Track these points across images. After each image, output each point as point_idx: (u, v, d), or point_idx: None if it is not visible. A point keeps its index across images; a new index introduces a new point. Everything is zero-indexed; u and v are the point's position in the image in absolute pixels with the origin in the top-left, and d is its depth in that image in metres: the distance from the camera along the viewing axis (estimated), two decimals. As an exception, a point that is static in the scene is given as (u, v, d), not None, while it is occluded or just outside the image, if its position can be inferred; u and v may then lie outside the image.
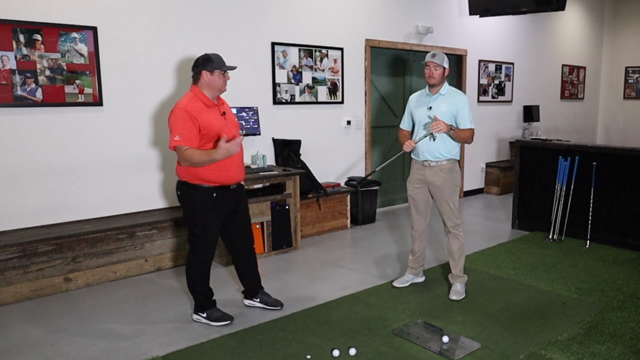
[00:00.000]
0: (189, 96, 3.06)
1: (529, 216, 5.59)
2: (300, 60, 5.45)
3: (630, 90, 10.16)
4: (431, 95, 3.61)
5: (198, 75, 3.06)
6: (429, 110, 3.57)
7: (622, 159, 4.85)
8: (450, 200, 3.60)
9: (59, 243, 3.79)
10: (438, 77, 3.52)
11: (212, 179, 3.06)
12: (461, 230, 3.70)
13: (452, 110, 3.53)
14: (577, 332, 3.13)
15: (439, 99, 3.57)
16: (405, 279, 3.92)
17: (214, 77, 3.04)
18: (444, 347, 2.94)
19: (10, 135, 3.84)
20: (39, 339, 3.11)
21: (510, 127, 8.33)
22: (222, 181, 3.10)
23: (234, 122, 3.24)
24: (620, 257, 4.59)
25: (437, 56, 3.52)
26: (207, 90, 3.07)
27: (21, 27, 3.79)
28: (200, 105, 3.03)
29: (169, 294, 3.80)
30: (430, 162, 3.59)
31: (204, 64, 3.03)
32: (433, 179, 3.60)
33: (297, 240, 4.91)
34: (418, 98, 3.72)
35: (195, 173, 3.04)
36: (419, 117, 3.65)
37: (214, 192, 3.09)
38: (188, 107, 2.97)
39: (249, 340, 3.04)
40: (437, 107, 3.55)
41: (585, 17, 9.68)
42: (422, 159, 3.62)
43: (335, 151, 5.94)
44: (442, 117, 3.49)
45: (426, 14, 6.69)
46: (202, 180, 3.05)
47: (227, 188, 3.14)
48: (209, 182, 3.07)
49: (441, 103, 3.55)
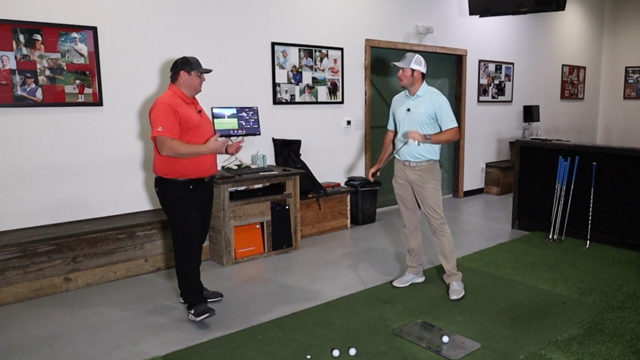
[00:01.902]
0: (168, 93, 3.25)
1: (529, 216, 5.59)
2: (300, 60, 5.45)
3: (630, 90, 10.16)
4: (410, 97, 3.65)
5: (176, 75, 3.27)
6: (407, 112, 3.64)
7: (622, 159, 4.85)
8: (432, 200, 3.64)
9: (59, 243, 3.79)
10: (406, 79, 3.58)
11: (189, 172, 3.22)
12: (447, 228, 3.72)
13: (429, 112, 3.56)
14: (577, 332, 3.13)
15: (417, 100, 3.62)
16: (405, 278, 3.92)
17: (191, 77, 3.27)
18: (444, 347, 2.94)
19: (10, 135, 3.84)
20: (39, 339, 3.11)
21: (510, 127, 8.33)
22: (198, 174, 3.26)
23: (208, 120, 3.46)
24: (620, 257, 4.59)
25: (404, 59, 3.58)
26: (185, 89, 3.28)
27: (21, 27, 3.79)
28: (179, 100, 3.23)
29: (169, 294, 3.80)
30: (410, 162, 3.64)
31: (183, 65, 3.25)
32: (414, 178, 3.66)
33: (297, 240, 4.91)
34: (399, 99, 3.79)
35: (174, 168, 3.18)
36: (399, 119, 3.72)
37: (191, 184, 3.24)
38: (169, 101, 3.16)
39: (249, 340, 3.04)
40: (415, 108, 3.60)
41: (585, 17, 9.68)
42: (403, 159, 3.68)
43: (335, 151, 5.94)
44: (419, 118, 3.56)
45: (426, 14, 6.69)
46: (179, 174, 3.20)
47: (202, 181, 3.31)
48: (186, 176, 3.22)
49: (419, 104, 3.59)
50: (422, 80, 3.65)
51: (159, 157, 3.20)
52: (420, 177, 3.63)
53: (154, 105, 3.16)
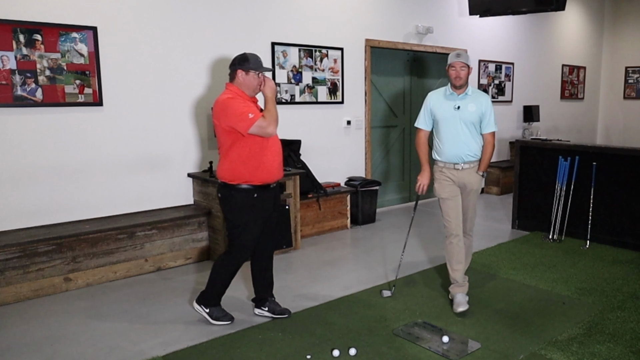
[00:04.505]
0: (226, 92, 3.09)
1: (529, 216, 5.59)
2: (300, 60, 5.45)
3: (630, 90, 10.16)
4: (457, 95, 3.50)
5: (234, 74, 3.10)
6: (457, 110, 3.47)
7: (622, 159, 4.85)
8: (476, 201, 3.65)
9: (59, 243, 3.79)
10: (465, 77, 3.46)
11: (254, 177, 3.07)
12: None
13: (479, 111, 3.48)
14: (577, 332, 3.13)
15: (466, 99, 3.49)
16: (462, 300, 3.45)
17: (249, 77, 3.08)
18: (444, 347, 2.94)
19: (10, 135, 3.84)
20: (39, 339, 3.11)
21: (510, 127, 8.33)
22: (263, 180, 3.10)
23: None
24: (620, 257, 4.59)
25: (462, 56, 3.46)
26: (244, 88, 3.11)
27: (21, 27, 3.79)
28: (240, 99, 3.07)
29: (169, 294, 3.80)
30: (463, 164, 3.50)
31: (241, 63, 3.08)
32: (467, 180, 3.51)
33: (297, 240, 4.91)
34: (441, 97, 3.57)
35: (239, 172, 3.05)
36: (443, 116, 3.51)
37: (255, 192, 3.09)
38: (234, 95, 3.04)
39: (249, 340, 3.04)
40: (465, 106, 3.47)
41: (585, 17, 9.68)
42: (454, 162, 3.50)
43: (335, 151, 5.94)
44: (470, 117, 3.46)
45: (426, 14, 6.69)
46: (243, 179, 3.06)
47: (267, 187, 3.15)
48: (251, 182, 3.07)
49: (469, 103, 3.48)
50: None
51: (224, 161, 3.09)
52: (475, 178, 3.53)
53: (220, 104, 3.01)
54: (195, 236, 4.48)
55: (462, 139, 3.47)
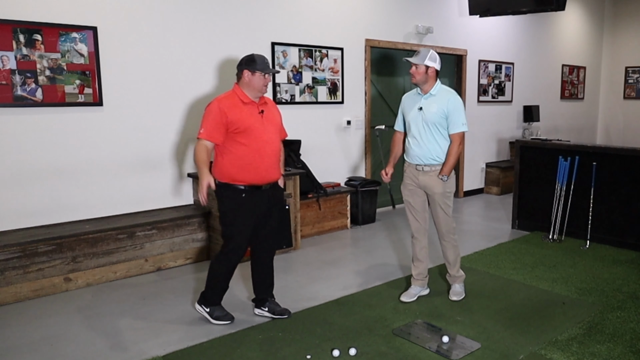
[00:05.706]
0: (228, 92, 3.18)
1: (529, 216, 5.59)
2: (300, 60, 5.45)
3: (630, 90, 10.15)
4: (422, 95, 3.47)
5: (241, 74, 3.14)
6: (419, 111, 3.44)
7: (622, 159, 4.85)
8: (444, 206, 3.49)
9: (59, 243, 3.79)
10: (419, 76, 3.40)
11: (241, 178, 3.09)
12: (455, 235, 3.61)
13: (442, 111, 3.39)
14: (577, 332, 3.13)
15: (429, 99, 3.43)
16: (412, 292, 3.67)
17: (254, 77, 3.11)
18: (444, 347, 2.94)
19: (10, 135, 3.84)
20: (39, 339, 3.11)
21: (510, 127, 8.33)
22: (250, 181, 3.10)
23: (271, 121, 3.22)
24: (620, 257, 4.59)
25: (418, 55, 3.43)
26: (247, 89, 3.13)
27: (21, 27, 3.79)
28: (235, 101, 3.11)
29: (169, 294, 3.80)
30: (423, 166, 3.47)
31: (247, 64, 3.12)
32: (427, 183, 3.47)
33: (297, 240, 4.91)
34: (410, 98, 3.59)
35: (226, 171, 3.10)
36: (410, 118, 3.52)
37: (243, 192, 3.11)
38: (222, 102, 3.08)
39: (249, 340, 3.04)
40: (427, 107, 3.42)
41: (585, 17, 9.68)
42: (416, 163, 3.50)
43: (335, 151, 5.94)
44: (432, 118, 3.39)
45: (426, 14, 6.69)
46: (231, 179, 3.10)
47: (257, 188, 3.15)
48: (238, 181, 3.09)
49: (432, 103, 3.41)
50: (436, 78, 3.46)
51: (215, 160, 3.16)
52: (434, 181, 3.44)
53: (208, 105, 3.13)
54: (195, 236, 4.48)
55: (424, 140, 3.43)
